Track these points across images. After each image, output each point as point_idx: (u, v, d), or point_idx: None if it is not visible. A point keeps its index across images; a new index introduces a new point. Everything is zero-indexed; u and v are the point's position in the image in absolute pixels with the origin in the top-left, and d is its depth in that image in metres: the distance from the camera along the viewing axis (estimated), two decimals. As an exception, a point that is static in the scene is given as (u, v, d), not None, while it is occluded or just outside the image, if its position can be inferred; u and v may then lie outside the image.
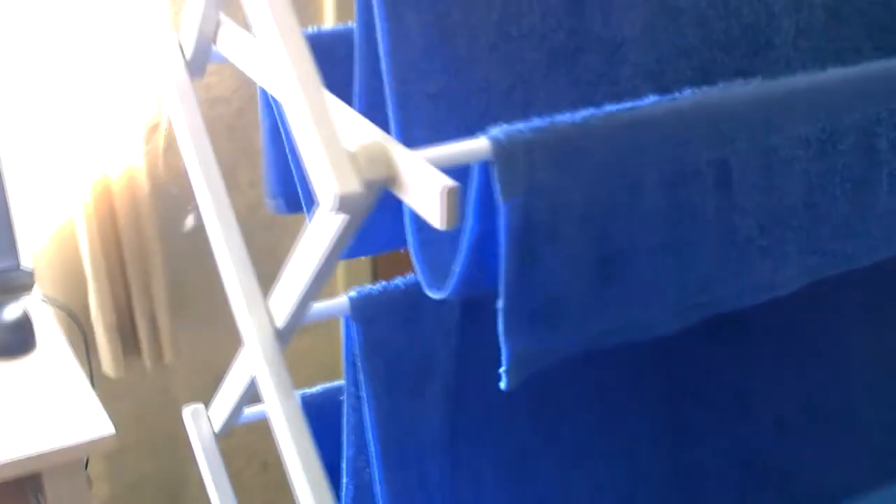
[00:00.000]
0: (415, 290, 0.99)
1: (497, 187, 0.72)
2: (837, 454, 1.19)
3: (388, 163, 0.69)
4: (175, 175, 1.81)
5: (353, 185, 0.68)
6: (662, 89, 0.92)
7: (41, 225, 1.70)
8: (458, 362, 1.00)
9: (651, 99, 0.80)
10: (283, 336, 0.91)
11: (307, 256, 0.80)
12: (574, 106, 0.91)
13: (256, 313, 0.91)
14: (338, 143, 0.69)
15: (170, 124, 1.79)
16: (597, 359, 0.91)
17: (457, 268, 0.79)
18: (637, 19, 0.92)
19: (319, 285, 0.83)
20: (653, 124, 0.79)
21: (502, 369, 0.79)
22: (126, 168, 1.64)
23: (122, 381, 1.78)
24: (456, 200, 0.65)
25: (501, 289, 0.76)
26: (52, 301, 1.66)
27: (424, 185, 0.66)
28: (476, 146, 0.73)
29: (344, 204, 0.69)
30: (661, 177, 0.80)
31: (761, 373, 1.16)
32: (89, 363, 1.68)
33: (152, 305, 1.71)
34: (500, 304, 0.77)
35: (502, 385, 0.79)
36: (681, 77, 0.95)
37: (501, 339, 0.77)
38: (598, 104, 0.88)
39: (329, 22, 1.97)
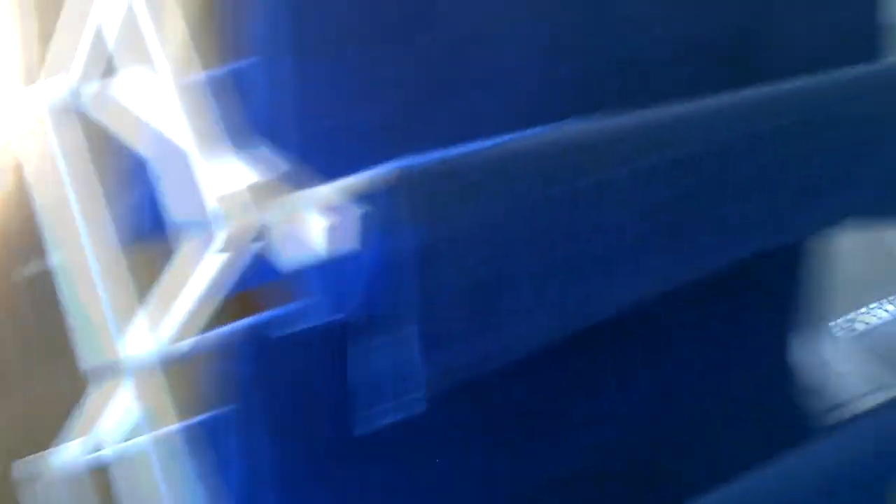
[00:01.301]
0: (289, 325, 1.02)
1: (403, 215, 0.77)
2: (695, 446, 1.27)
3: (276, 203, 0.73)
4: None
5: (242, 225, 0.72)
6: (539, 121, 0.99)
7: None
8: (326, 392, 1.03)
9: (535, 130, 0.86)
10: (163, 367, 0.94)
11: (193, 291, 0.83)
12: (457, 139, 0.97)
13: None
14: (226, 181, 0.73)
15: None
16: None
17: (356, 290, 0.83)
18: (514, 56, 0.98)
19: (199, 321, 0.87)
20: (535, 153, 0.85)
21: (418, 393, 0.81)
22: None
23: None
24: (339, 236, 0.70)
25: (412, 315, 0.79)
26: None
27: (311, 221, 0.71)
28: (381, 177, 0.77)
29: (230, 244, 0.73)
30: (543, 201, 0.86)
31: (624, 374, 1.23)
32: None
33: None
34: (411, 329, 0.79)
35: (418, 408, 0.82)
36: (553, 110, 1.01)
37: (416, 363, 0.80)
38: (478, 138, 0.95)
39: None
